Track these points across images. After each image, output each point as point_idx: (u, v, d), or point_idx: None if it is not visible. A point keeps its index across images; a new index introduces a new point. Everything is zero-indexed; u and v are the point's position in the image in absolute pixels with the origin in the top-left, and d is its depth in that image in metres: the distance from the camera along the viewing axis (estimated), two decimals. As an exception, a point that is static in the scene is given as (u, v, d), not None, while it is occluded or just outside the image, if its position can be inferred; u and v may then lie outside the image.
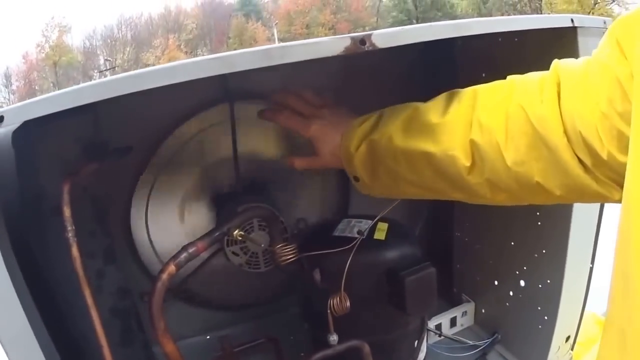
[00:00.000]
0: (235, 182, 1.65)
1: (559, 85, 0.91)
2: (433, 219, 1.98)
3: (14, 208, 1.07)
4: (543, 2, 31.93)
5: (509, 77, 1.04)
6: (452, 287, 1.94)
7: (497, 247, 1.68)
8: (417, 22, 41.23)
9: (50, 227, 1.10)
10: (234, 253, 1.56)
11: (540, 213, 1.47)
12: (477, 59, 1.59)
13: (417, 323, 1.49)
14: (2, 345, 0.89)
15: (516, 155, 0.93)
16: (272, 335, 1.83)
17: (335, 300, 1.30)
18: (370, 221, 1.45)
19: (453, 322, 1.82)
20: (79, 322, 1.18)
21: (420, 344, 1.51)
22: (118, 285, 1.28)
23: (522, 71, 1.23)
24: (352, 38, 0.92)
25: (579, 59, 0.95)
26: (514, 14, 34.37)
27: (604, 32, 1.19)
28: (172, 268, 1.15)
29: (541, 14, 32.77)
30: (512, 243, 1.61)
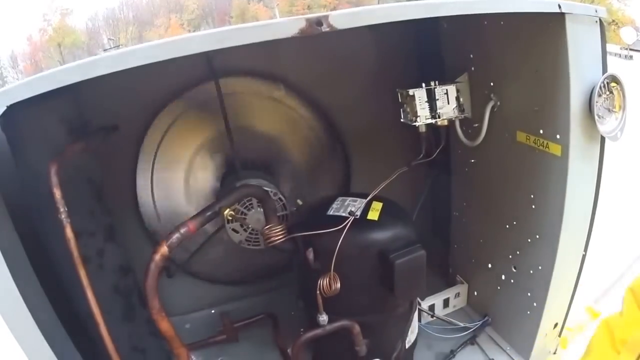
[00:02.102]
0: (233, 158, 1.67)
1: None
2: (432, 199, 2.00)
3: (15, 192, 1.09)
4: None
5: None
6: (449, 267, 1.97)
7: (492, 229, 1.70)
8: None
9: (50, 208, 1.12)
10: (234, 230, 1.59)
11: (535, 196, 1.48)
12: (464, 42, 1.60)
13: (406, 305, 1.52)
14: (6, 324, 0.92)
15: None
16: (271, 312, 1.89)
17: (324, 281, 1.32)
18: (364, 200, 1.46)
19: (446, 303, 1.85)
20: (80, 301, 1.22)
21: (409, 325, 1.53)
22: (119, 263, 1.32)
23: (508, 55, 1.24)
24: (308, 19, 0.94)
25: None
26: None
27: (595, 21, 1.21)
28: (164, 249, 1.18)
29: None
30: (507, 226, 1.62)
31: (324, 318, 1.38)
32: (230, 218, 1.34)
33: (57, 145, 1.13)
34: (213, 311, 1.95)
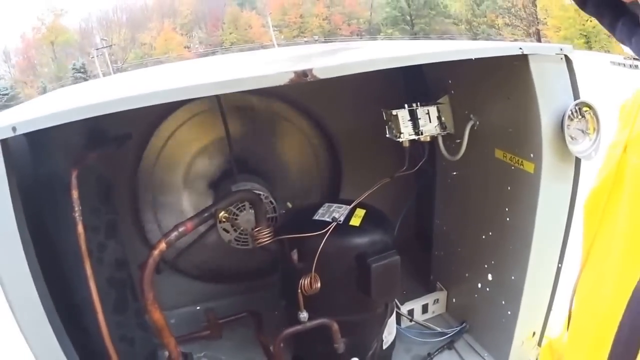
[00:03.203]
0: (229, 163, 1.77)
1: None
2: (417, 208, 2.10)
3: (29, 187, 1.17)
4: (538, 7, 31.85)
5: None
6: (430, 274, 2.04)
7: (470, 238, 1.77)
8: (411, 19, 41.23)
9: (61, 205, 1.23)
10: (225, 230, 1.68)
11: (509, 209, 1.56)
12: (443, 71, 1.70)
13: (382, 307, 1.60)
14: (10, 308, 1.00)
15: None
16: (255, 310, 1.96)
17: (306, 281, 1.41)
18: (349, 207, 1.55)
19: (425, 308, 1.92)
20: (81, 289, 1.31)
21: (385, 326, 1.60)
22: (116, 257, 1.39)
23: (482, 84, 1.34)
24: (295, 72, 1.08)
25: None
26: (508, 18, 34.44)
27: (561, 58, 1.31)
28: (162, 245, 1.27)
29: (536, 19, 32.57)
30: (484, 237, 1.70)
31: (304, 315, 1.46)
32: (224, 220, 1.43)
33: (75, 150, 1.24)
34: (198, 308, 2.01)
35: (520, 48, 1.30)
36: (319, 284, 1.42)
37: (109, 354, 1.25)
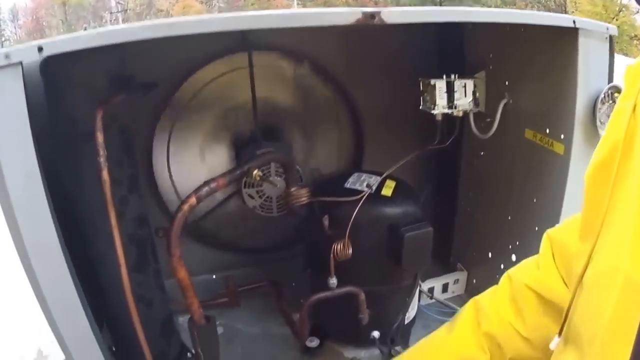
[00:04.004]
0: (255, 127, 1.72)
1: (551, 247, 1.04)
2: (439, 186, 2.06)
3: (44, 134, 1.13)
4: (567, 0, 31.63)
5: (503, 276, 1.18)
6: (450, 254, 2.03)
7: (495, 219, 1.75)
8: (440, 2, 40.87)
9: (81, 153, 1.18)
10: (249, 195, 1.65)
11: (537, 190, 1.54)
12: (485, 43, 1.68)
13: (410, 280, 1.58)
14: (30, 258, 0.96)
15: (529, 323, 1.03)
16: (275, 280, 1.93)
17: (339, 246, 1.39)
18: (379, 177, 1.53)
19: (445, 288, 1.91)
20: (98, 244, 1.27)
21: (410, 300, 1.59)
22: (138, 213, 1.35)
23: (524, 59, 1.32)
24: (364, 12, 1.05)
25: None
26: (538, 8, 34.13)
27: (606, 38, 1.28)
28: (193, 200, 1.24)
29: (565, 10, 32.12)
30: (509, 217, 1.68)
31: (334, 281, 1.45)
32: (258, 178, 1.40)
33: (99, 93, 1.17)
34: (214, 276, 1.97)
35: (574, 20, 1.27)
36: (350, 250, 1.40)
37: (129, 312, 1.20)
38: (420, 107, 1.58)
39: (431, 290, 1.86)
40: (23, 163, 0.93)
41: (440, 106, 1.52)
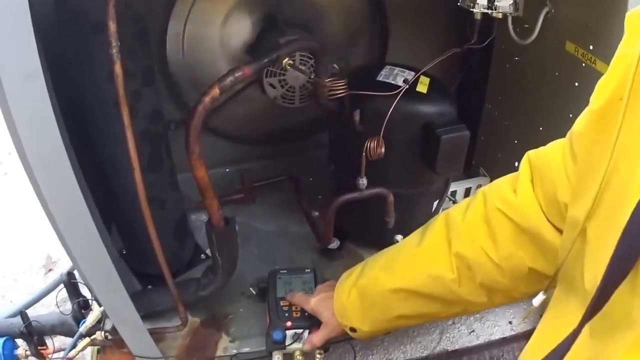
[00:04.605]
0: (278, 14, 1.58)
1: (531, 172, 0.98)
2: (465, 85, 1.94)
3: (49, 27, 1.01)
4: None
5: (477, 191, 1.12)
6: (472, 158, 1.95)
7: (525, 128, 1.67)
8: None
9: (90, 46, 1.06)
10: (271, 85, 1.53)
11: (574, 105, 1.45)
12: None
13: (440, 183, 1.52)
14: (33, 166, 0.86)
15: (502, 250, 0.98)
16: (294, 174, 1.86)
17: (372, 144, 1.30)
18: (413, 72, 1.41)
19: (467, 192, 1.85)
20: (109, 145, 1.19)
21: (439, 205, 1.53)
22: (152, 107, 1.25)
23: None
24: None
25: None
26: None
27: None
28: (215, 91, 1.12)
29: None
30: (541, 128, 1.60)
31: (363, 181, 1.37)
32: (288, 66, 1.28)
33: None
34: (227, 170, 1.90)
35: None
36: (383, 149, 1.30)
37: (142, 216, 1.11)
38: (459, 4, 1.47)
39: (453, 194, 1.81)
40: (24, 61, 0.76)
41: (481, 5, 1.42)
